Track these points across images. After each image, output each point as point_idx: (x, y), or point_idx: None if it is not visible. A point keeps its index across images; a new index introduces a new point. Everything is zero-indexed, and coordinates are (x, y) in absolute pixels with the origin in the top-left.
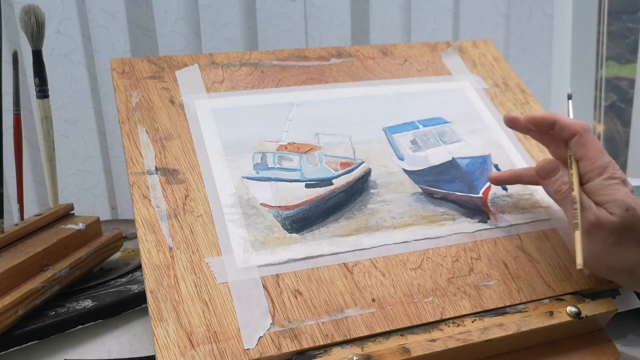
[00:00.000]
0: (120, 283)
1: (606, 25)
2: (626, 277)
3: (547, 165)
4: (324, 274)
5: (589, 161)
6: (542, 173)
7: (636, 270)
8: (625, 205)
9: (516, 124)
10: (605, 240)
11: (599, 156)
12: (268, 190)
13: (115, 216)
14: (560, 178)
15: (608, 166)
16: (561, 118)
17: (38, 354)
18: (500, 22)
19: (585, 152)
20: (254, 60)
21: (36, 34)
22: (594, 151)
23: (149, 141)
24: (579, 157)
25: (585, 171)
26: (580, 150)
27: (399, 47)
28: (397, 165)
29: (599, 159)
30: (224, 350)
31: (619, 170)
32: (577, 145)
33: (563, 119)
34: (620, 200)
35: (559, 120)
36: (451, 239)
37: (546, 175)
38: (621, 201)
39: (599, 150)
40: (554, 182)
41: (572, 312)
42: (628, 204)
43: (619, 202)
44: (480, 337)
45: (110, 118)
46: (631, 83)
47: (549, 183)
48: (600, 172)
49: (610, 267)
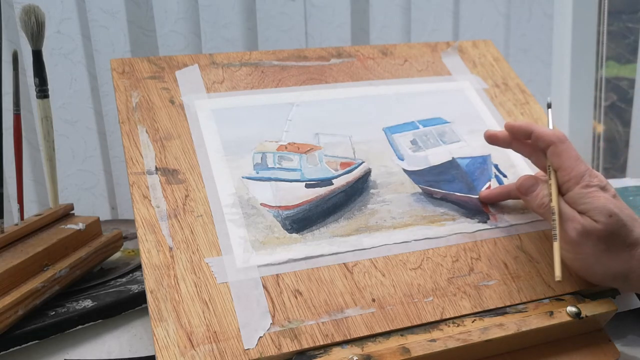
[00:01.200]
0: (120, 283)
1: (606, 25)
2: (621, 282)
3: (526, 182)
4: (324, 274)
5: (565, 171)
6: (522, 190)
7: (630, 276)
8: (608, 212)
9: (496, 139)
10: (594, 249)
11: (574, 165)
12: (268, 190)
13: (115, 216)
14: (540, 192)
15: (584, 174)
16: (537, 128)
17: (38, 354)
18: (500, 22)
19: (561, 162)
20: (254, 60)
21: (36, 34)
22: (570, 161)
23: (149, 141)
24: (556, 168)
25: (562, 181)
26: (556, 160)
27: (399, 47)
28: (397, 165)
29: (574, 168)
30: (224, 350)
31: (596, 177)
32: (552, 155)
33: (539, 130)
34: (602, 207)
35: (535, 130)
36: (451, 239)
37: (526, 191)
38: (602, 208)
39: (574, 159)
40: (535, 197)
41: (572, 312)
42: (610, 210)
43: (600, 209)
44: (480, 337)
45: (110, 118)
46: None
47: (530, 199)
48: (577, 181)
49: (605, 274)
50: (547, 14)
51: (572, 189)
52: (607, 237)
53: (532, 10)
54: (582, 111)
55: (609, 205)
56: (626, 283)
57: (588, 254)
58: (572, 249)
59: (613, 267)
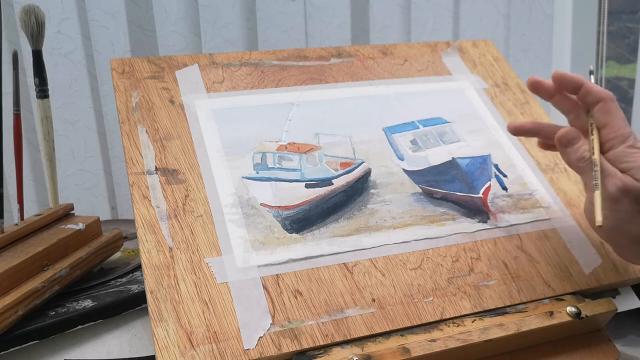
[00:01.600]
0: (120, 283)
1: (606, 25)
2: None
3: (569, 133)
4: (324, 274)
5: (612, 129)
6: (563, 141)
7: None
8: None
9: (539, 87)
10: (629, 208)
11: (622, 125)
12: (268, 190)
13: (115, 216)
14: (582, 145)
15: (630, 135)
16: (588, 82)
17: (38, 354)
18: (500, 22)
19: (608, 119)
20: (254, 60)
21: (36, 34)
22: (618, 120)
23: (149, 141)
24: (602, 125)
25: (607, 139)
26: (604, 117)
27: (399, 47)
28: (397, 165)
29: (622, 127)
30: (224, 351)
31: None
32: (601, 112)
33: (590, 84)
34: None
35: (586, 84)
36: (451, 239)
37: (568, 143)
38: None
39: (622, 119)
40: (576, 150)
41: (572, 312)
42: None
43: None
44: (480, 337)
45: (110, 118)
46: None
47: (570, 151)
48: (622, 140)
49: (633, 237)
50: (547, 14)
51: (617, 147)
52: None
53: (532, 10)
54: None
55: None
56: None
57: (622, 212)
58: (608, 205)
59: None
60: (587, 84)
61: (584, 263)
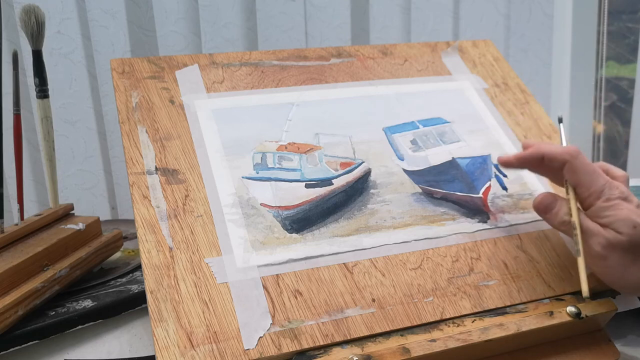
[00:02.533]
0: (120, 283)
1: (606, 25)
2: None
3: (545, 200)
4: (324, 274)
5: (584, 187)
6: (541, 208)
7: None
8: (632, 223)
9: (510, 164)
10: (622, 261)
11: (592, 180)
12: (268, 190)
13: (115, 216)
14: (560, 209)
15: (604, 188)
16: (548, 150)
17: (38, 354)
18: (500, 22)
19: (578, 178)
20: (254, 60)
21: (36, 34)
22: (587, 176)
23: (149, 141)
24: (574, 184)
25: (583, 197)
26: (573, 177)
27: (399, 47)
28: (397, 165)
29: (593, 183)
30: (224, 351)
31: (617, 189)
32: (569, 172)
33: (550, 151)
34: (625, 219)
35: (546, 152)
36: (451, 239)
37: (545, 209)
38: (626, 219)
39: (591, 173)
40: (555, 215)
41: (572, 312)
42: (634, 221)
43: (624, 221)
44: (480, 337)
45: (110, 118)
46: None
47: (550, 217)
48: (598, 196)
49: (637, 284)
50: (547, 14)
51: (594, 204)
52: (632, 248)
53: (532, 10)
54: (582, 111)
55: (632, 216)
56: None
57: (616, 266)
58: (599, 262)
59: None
60: (547, 152)
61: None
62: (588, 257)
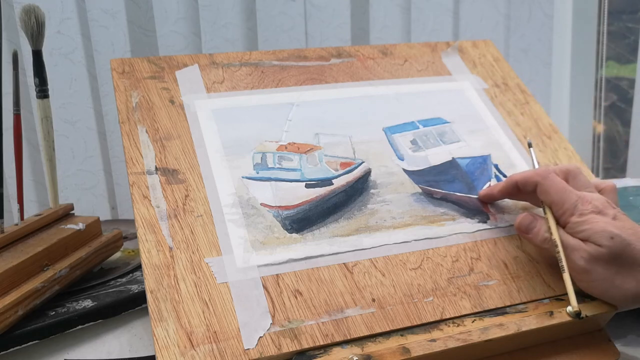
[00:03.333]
0: (120, 283)
1: (606, 25)
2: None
3: (524, 221)
4: (324, 274)
5: (557, 206)
6: (522, 229)
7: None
8: (609, 234)
9: (492, 197)
10: (605, 273)
11: (564, 198)
12: (268, 190)
13: (115, 216)
14: (540, 228)
15: (576, 204)
16: (519, 177)
17: (38, 354)
18: (500, 22)
19: (550, 198)
20: (254, 60)
21: (36, 34)
22: (558, 195)
23: (149, 141)
24: (548, 204)
25: (558, 215)
26: (546, 197)
27: (399, 47)
28: (397, 165)
29: (565, 200)
30: (224, 350)
31: (590, 203)
32: (541, 194)
33: (520, 177)
34: (601, 231)
35: (518, 180)
36: (451, 239)
37: (526, 229)
38: (602, 231)
39: (562, 192)
40: (537, 234)
41: (572, 312)
42: (611, 232)
43: (600, 234)
44: (480, 337)
45: (110, 118)
46: (631, 83)
47: (532, 236)
48: (572, 212)
49: (624, 296)
50: (547, 14)
51: (569, 221)
52: (614, 259)
53: (532, 10)
54: (582, 111)
55: (608, 227)
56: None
57: (601, 279)
58: (584, 277)
59: (630, 288)
60: (519, 180)
61: None
62: (573, 273)
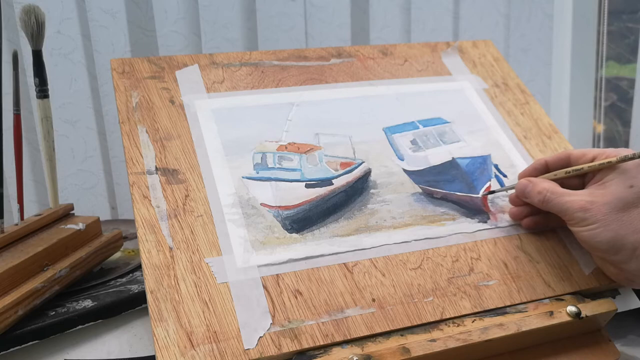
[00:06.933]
0: (120, 283)
1: (606, 25)
2: (629, 253)
3: (520, 185)
4: (324, 274)
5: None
6: (520, 194)
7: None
8: (630, 183)
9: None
10: (611, 216)
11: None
12: (268, 190)
13: (115, 216)
14: (537, 183)
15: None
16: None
17: (38, 354)
18: (500, 22)
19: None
20: (254, 60)
21: (36, 34)
22: (560, 205)
23: (149, 141)
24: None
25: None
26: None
27: (399, 47)
28: (397, 165)
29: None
30: (224, 350)
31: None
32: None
33: (523, 190)
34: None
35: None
36: (451, 239)
37: (523, 192)
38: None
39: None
40: (535, 186)
41: (572, 312)
42: (632, 182)
43: (621, 178)
44: (480, 337)
45: (110, 118)
46: (631, 83)
47: (530, 192)
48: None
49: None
50: (547, 14)
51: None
52: (629, 201)
53: (532, 10)
54: (582, 111)
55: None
56: (634, 254)
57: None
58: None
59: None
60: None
61: (584, 263)
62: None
